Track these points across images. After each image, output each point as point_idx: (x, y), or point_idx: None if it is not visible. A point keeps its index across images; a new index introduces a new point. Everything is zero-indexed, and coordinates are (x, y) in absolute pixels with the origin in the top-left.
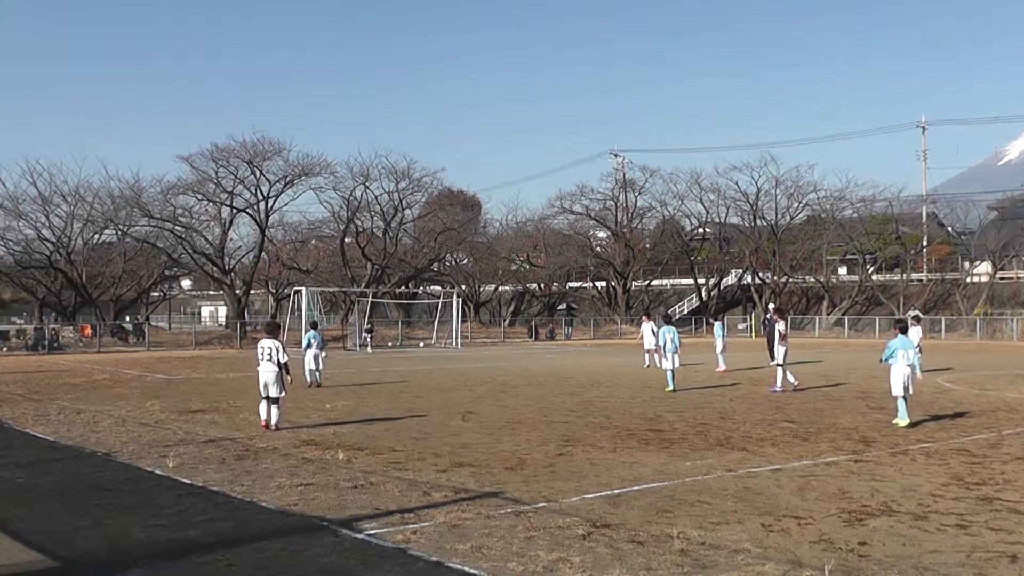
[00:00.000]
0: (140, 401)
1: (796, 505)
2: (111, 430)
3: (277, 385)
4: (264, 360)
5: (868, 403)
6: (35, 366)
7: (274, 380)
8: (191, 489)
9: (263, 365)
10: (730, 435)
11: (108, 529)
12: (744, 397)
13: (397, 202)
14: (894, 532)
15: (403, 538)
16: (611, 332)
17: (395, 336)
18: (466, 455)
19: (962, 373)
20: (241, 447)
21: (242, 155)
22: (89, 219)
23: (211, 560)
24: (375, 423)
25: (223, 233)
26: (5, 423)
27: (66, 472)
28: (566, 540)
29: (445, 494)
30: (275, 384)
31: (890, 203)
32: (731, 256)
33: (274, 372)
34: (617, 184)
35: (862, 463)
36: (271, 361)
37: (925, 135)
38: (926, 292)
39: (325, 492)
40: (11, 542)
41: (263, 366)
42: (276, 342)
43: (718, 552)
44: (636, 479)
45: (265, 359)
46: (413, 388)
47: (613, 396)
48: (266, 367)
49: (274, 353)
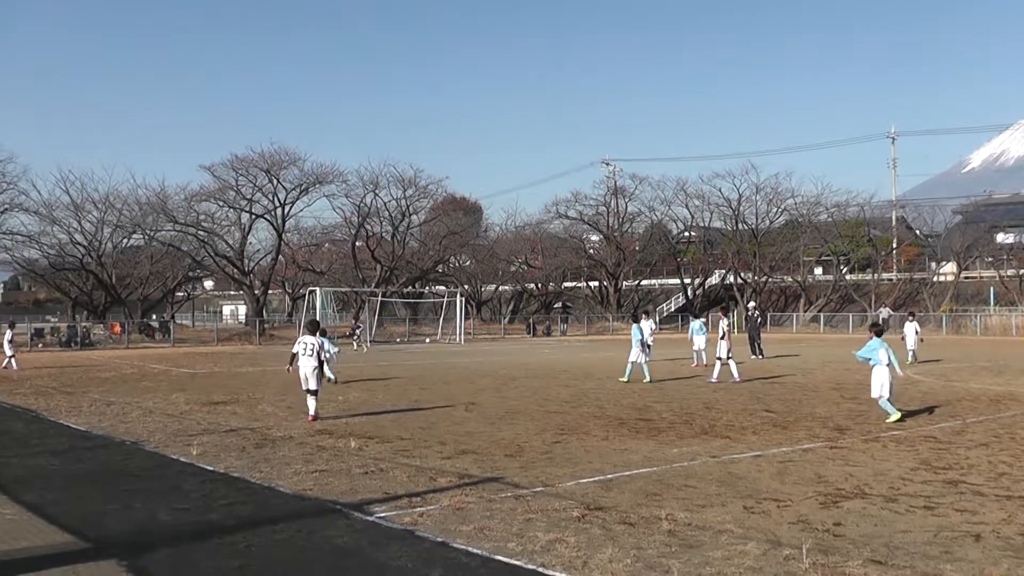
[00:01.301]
0: (166, 393)
1: (775, 489)
2: (139, 420)
3: (316, 378)
4: (305, 355)
5: (842, 394)
6: (68, 361)
7: (312, 373)
8: (213, 475)
9: (303, 360)
10: (714, 424)
11: (136, 513)
12: (727, 388)
13: (404, 208)
14: (867, 513)
15: (411, 520)
16: (603, 328)
17: (403, 333)
18: (469, 443)
19: (929, 366)
20: (260, 436)
21: (260, 165)
22: (118, 224)
23: (232, 541)
24: (384, 413)
25: (243, 237)
26: (40, 414)
27: (97, 460)
28: (562, 522)
29: (449, 479)
30: (314, 377)
31: (862, 208)
32: (715, 258)
33: (313, 366)
34: (609, 191)
35: (837, 449)
36: (312, 356)
37: (895, 145)
38: (896, 291)
39: (338, 478)
40: (46, 524)
41: (303, 361)
42: (317, 339)
43: (703, 532)
44: (627, 465)
45: (306, 354)
46: (419, 381)
47: (605, 388)
48: (306, 362)
49: (316, 349)
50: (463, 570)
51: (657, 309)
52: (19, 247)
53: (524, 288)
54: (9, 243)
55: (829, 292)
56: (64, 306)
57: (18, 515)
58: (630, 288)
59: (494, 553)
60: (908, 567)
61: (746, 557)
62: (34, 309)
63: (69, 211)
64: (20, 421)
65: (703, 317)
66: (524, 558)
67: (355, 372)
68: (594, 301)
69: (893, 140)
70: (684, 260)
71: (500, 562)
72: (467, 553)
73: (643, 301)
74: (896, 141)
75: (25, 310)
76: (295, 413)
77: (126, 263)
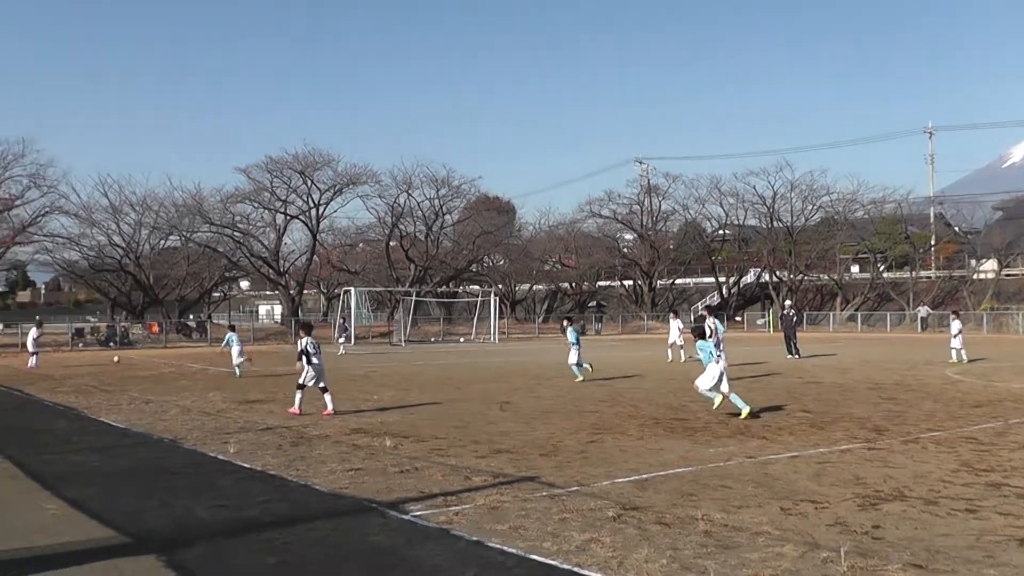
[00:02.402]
0: (203, 392)
1: (813, 490)
2: (177, 418)
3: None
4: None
5: (880, 394)
6: (107, 360)
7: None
8: (250, 473)
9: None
10: (750, 424)
11: (174, 509)
12: (763, 388)
13: (438, 208)
14: (906, 516)
15: (446, 519)
16: (638, 328)
17: (437, 332)
18: (503, 442)
19: (969, 365)
20: (296, 435)
21: (294, 166)
22: (155, 226)
23: (269, 538)
24: (419, 412)
25: (278, 238)
26: (81, 412)
27: (136, 457)
28: (597, 521)
29: (484, 478)
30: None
31: (899, 204)
32: (749, 256)
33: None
34: (642, 190)
35: (875, 451)
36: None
37: (932, 140)
38: (935, 289)
39: (373, 476)
40: (87, 519)
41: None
42: (309, 338)
43: (740, 534)
44: (662, 465)
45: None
46: (454, 381)
47: (640, 387)
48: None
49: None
50: (498, 569)
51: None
52: (59, 249)
53: (558, 287)
54: (50, 245)
55: (866, 290)
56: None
57: (61, 510)
58: (664, 287)
59: (529, 552)
60: (949, 571)
61: (783, 559)
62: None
63: (108, 213)
64: (62, 419)
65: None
66: (559, 558)
67: (390, 371)
68: (628, 300)
69: (930, 135)
70: (719, 259)
71: (535, 561)
72: (502, 552)
73: (677, 300)
74: (933, 136)
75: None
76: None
77: (163, 264)
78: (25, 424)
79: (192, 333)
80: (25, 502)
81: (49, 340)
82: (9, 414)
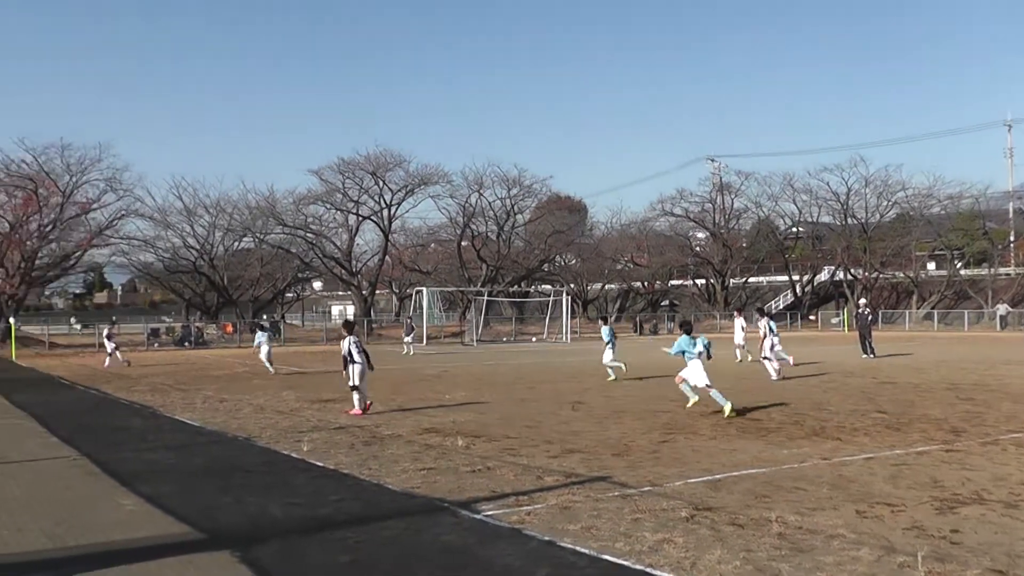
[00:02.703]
0: (276, 391)
1: (889, 493)
2: (251, 417)
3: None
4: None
5: (958, 394)
6: (182, 360)
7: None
8: (323, 472)
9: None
10: (825, 425)
11: (248, 506)
12: (838, 389)
13: (509, 208)
14: (985, 520)
15: (517, 519)
16: (711, 327)
17: (509, 332)
18: (575, 442)
19: None
20: (368, 434)
21: (366, 167)
22: (229, 228)
23: (341, 536)
24: (491, 412)
25: (350, 239)
26: (157, 410)
27: (210, 454)
28: (670, 522)
29: (556, 478)
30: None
31: (977, 200)
32: (823, 253)
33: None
34: (714, 187)
35: (953, 452)
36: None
37: (1011, 133)
38: (1014, 286)
39: (445, 476)
40: (163, 515)
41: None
42: (353, 338)
43: (814, 536)
44: (735, 465)
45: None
46: (526, 380)
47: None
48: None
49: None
50: (570, 569)
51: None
52: (135, 251)
53: (630, 287)
54: (126, 247)
55: (943, 288)
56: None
57: (137, 506)
58: (737, 286)
59: (601, 553)
60: None
61: (859, 563)
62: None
63: (182, 216)
64: (138, 417)
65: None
66: (632, 558)
67: (462, 371)
68: (701, 299)
69: (1009, 128)
70: (792, 257)
71: (607, 562)
72: (574, 552)
73: (750, 299)
74: (1012, 129)
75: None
76: (403, 411)
77: (237, 265)
78: (102, 422)
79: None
80: (102, 498)
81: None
82: (87, 413)
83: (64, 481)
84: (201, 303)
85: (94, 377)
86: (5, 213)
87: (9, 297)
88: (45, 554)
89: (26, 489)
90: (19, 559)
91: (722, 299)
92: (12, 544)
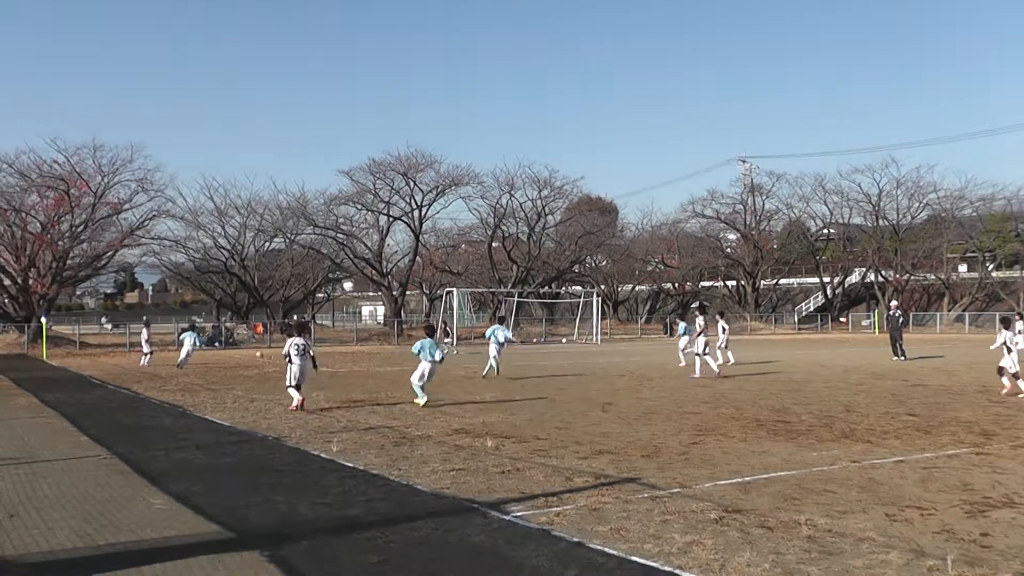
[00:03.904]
0: (307, 391)
1: (919, 496)
2: (280, 417)
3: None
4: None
5: (988, 397)
6: (213, 360)
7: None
8: (353, 472)
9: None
10: (855, 427)
11: (278, 506)
12: (868, 391)
13: (540, 209)
14: (1016, 524)
15: (547, 520)
16: (741, 328)
17: (539, 333)
18: (605, 443)
19: None
20: (398, 435)
21: (397, 168)
22: (260, 229)
23: (371, 536)
24: (521, 413)
25: (381, 239)
26: (187, 410)
27: (240, 454)
28: (699, 524)
29: (586, 479)
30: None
31: (1009, 201)
32: (854, 255)
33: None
34: (745, 189)
35: (983, 456)
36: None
37: None
38: None
39: (475, 477)
40: (193, 515)
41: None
42: (299, 340)
43: (844, 540)
44: (765, 467)
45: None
46: (556, 381)
47: (743, 388)
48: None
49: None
50: (599, 570)
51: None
52: (166, 251)
53: (661, 288)
54: (157, 247)
55: (974, 290)
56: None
57: (167, 505)
58: (768, 287)
59: (630, 554)
60: None
61: (888, 567)
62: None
63: (213, 217)
64: (168, 416)
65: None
66: (661, 560)
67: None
68: (732, 300)
69: None
70: (823, 258)
71: (636, 563)
72: (603, 554)
73: (781, 301)
74: None
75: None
76: (433, 412)
77: (268, 265)
78: (132, 421)
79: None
80: (132, 497)
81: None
82: (117, 411)
83: (94, 480)
84: (232, 303)
85: (125, 376)
86: (37, 213)
87: (40, 297)
88: (75, 552)
89: (57, 488)
90: (50, 558)
91: (753, 300)
92: (43, 543)
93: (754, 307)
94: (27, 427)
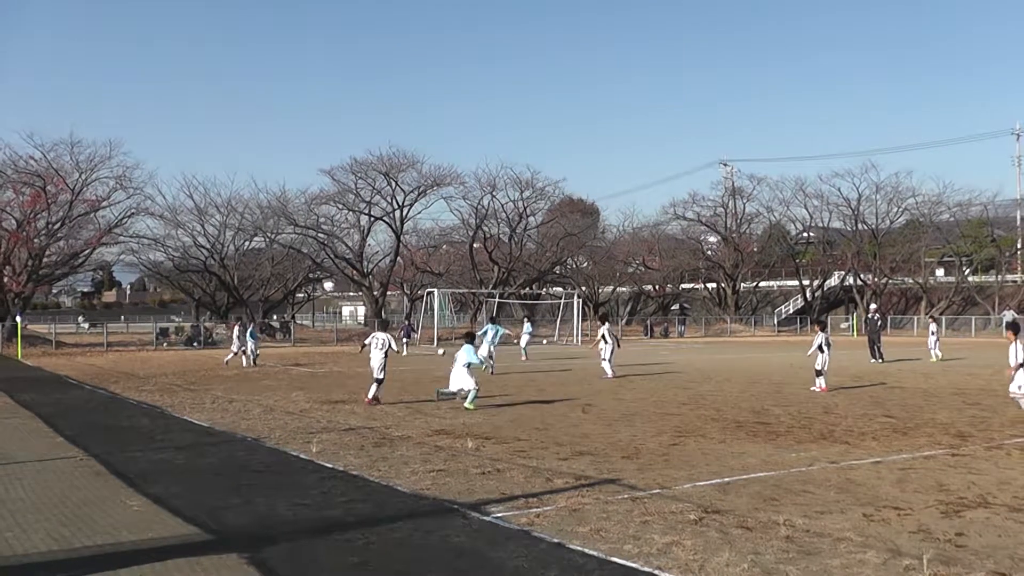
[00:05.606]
0: (286, 392)
1: (895, 496)
2: (260, 418)
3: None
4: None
5: (964, 399)
6: (192, 360)
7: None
8: (333, 473)
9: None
10: (833, 429)
11: (257, 507)
12: (846, 393)
13: (522, 210)
14: (990, 524)
15: (527, 521)
16: (721, 331)
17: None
18: (585, 444)
19: None
20: (378, 435)
21: (379, 168)
22: (240, 228)
23: (351, 538)
24: (501, 414)
25: (362, 239)
26: (165, 410)
27: (219, 455)
28: (679, 524)
29: (566, 480)
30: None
31: (985, 207)
32: (834, 259)
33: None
34: (726, 192)
35: (959, 457)
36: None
37: (1020, 141)
38: (1021, 293)
39: (455, 478)
40: (170, 516)
41: (374, 353)
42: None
43: (822, 540)
44: (744, 468)
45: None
46: (536, 383)
47: (723, 390)
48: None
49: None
50: (579, 571)
51: (776, 311)
52: (145, 250)
53: (641, 290)
54: (136, 246)
55: (951, 294)
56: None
57: (144, 507)
58: (748, 290)
59: (610, 555)
60: None
61: (865, 566)
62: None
63: (193, 215)
64: (146, 417)
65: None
66: (640, 560)
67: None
68: (712, 302)
69: (1018, 136)
70: (803, 261)
71: (616, 564)
72: (583, 554)
73: (761, 303)
74: (1021, 137)
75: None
76: (413, 413)
77: (248, 265)
78: (110, 422)
79: (276, 334)
80: (110, 498)
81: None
82: (94, 412)
83: (71, 481)
84: (211, 303)
85: (101, 376)
86: (12, 210)
87: (16, 295)
88: (51, 555)
89: (32, 490)
90: (25, 561)
91: (733, 303)
92: (17, 546)
93: (734, 309)
94: (1, 428)
